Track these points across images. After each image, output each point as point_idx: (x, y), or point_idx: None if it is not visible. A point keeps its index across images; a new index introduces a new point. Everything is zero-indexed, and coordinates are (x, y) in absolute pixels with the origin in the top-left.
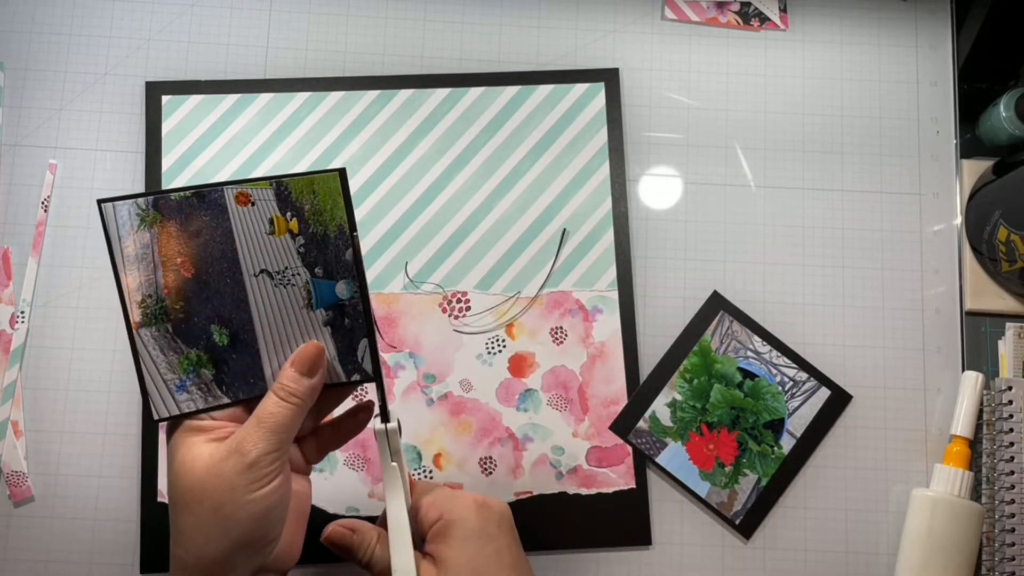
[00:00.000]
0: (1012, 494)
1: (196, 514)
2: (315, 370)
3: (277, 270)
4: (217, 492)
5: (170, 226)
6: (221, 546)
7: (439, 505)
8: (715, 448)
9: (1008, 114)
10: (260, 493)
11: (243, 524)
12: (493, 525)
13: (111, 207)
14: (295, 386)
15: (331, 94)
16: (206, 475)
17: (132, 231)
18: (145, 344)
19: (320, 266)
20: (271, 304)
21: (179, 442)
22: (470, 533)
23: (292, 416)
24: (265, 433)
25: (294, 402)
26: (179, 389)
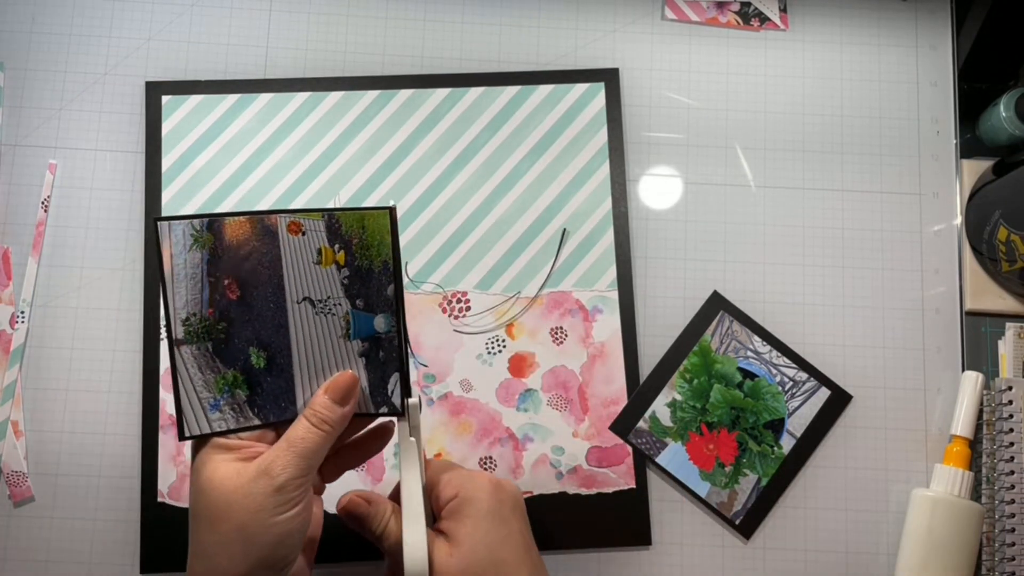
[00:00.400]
0: (1012, 494)
1: (220, 532)
2: (348, 399)
3: (320, 299)
4: (243, 512)
5: (221, 248)
6: (242, 566)
7: (455, 483)
8: (715, 448)
9: (1008, 114)
10: (285, 516)
11: (265, 546)
12: (507, 508)
13: (166, 226)
14: (328, 413)
15: (331, 94)
16: (233, 494)
17: (184, 250)
18: (185, 361)
19: (362, 298)
20: (310, 331)
21: (206, 459)
22: (485, 513)
23: (322, 442)
24: (295, 457)
25: (325, 429)
26: (212, 408)
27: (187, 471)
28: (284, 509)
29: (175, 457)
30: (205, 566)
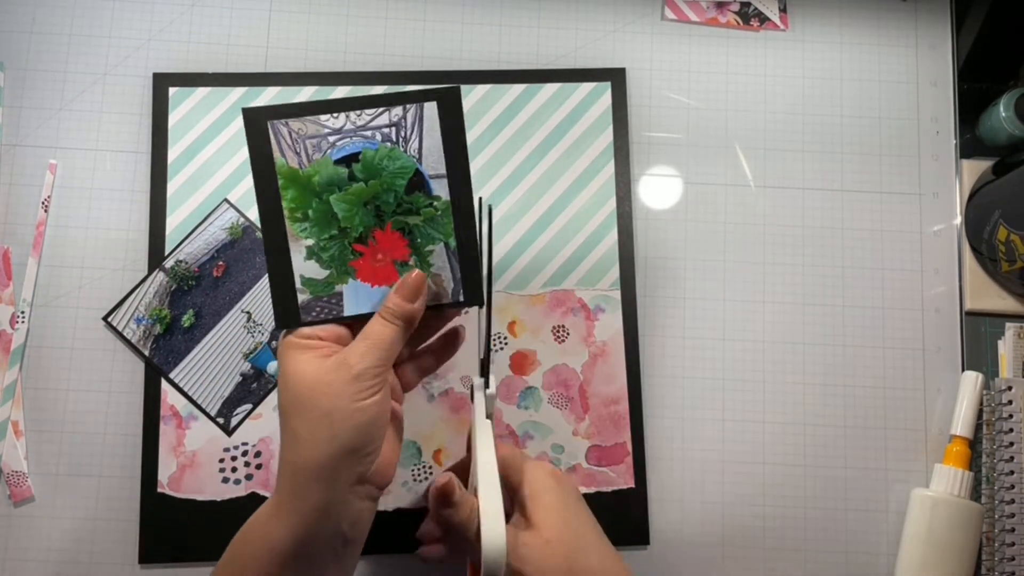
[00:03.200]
0: (1012, 494)
1: (307, 419)
2: (416, 296)
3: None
4: (326, 399)
5: None
6: (329, 450)
7: (524, 470)
8: (384, 256)
9: (1008, 114)
10: (364, 403)
11: (348, 431)
12: (573, 493)
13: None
14: (399, 309)
15: (337, 88)
16: (316, 383)
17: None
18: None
19: None
20: None
21: (290, 356)
22: (557, 498)
23: (395, 335)
24: (369, 348)
25: (397, 323)
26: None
27: (187, 462)
28: (362, 396)
29: (175, 448)
30: (296, 453)
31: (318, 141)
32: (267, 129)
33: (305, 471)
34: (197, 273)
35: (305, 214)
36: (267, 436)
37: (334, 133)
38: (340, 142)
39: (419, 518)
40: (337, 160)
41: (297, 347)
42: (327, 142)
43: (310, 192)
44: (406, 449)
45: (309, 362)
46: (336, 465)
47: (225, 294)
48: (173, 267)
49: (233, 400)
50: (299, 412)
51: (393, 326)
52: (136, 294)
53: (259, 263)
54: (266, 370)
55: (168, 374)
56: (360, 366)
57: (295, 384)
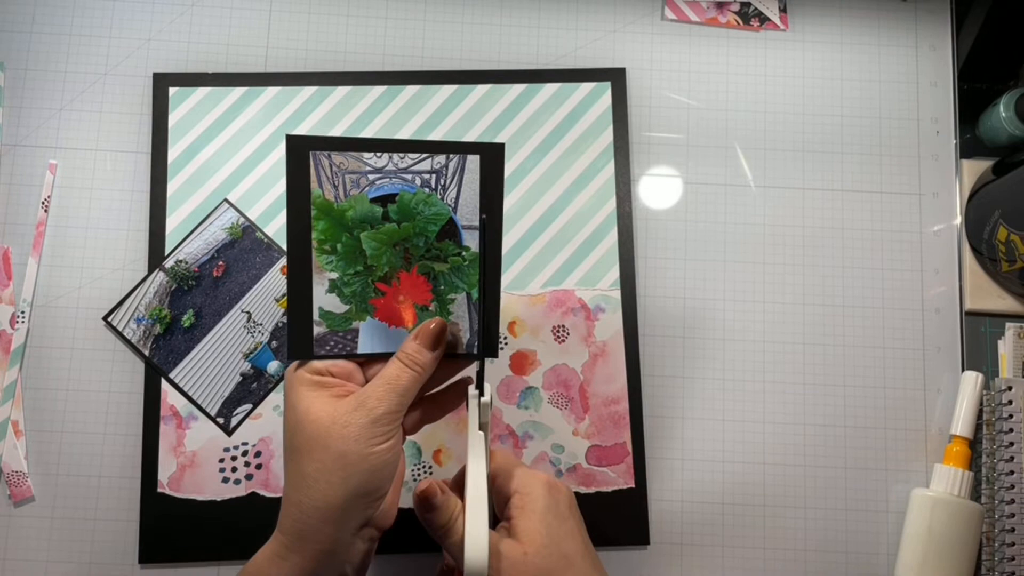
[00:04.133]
0: (1012, 494)
1: (319, 460)
2: (437, 344)
3: None
4: (341, 441)
5: None
6: (341, 493)
7: (518, 480)
8: (405, 298)
9: (1008, 114)
10: (381, 447)
11: (362, 474)
12: (564, 505)
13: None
14: (419, 356)
15: (337, 89)
16: (332, 425)
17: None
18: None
19: None
20: None
21: (301, 396)
22: (544, 509)
23: (414, 382)
24: (389, 392)
25: (417, 370)
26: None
27: (187, 462)
28: (379, 440)
29: (175, 448)
30: (304, 494)
31: (357, 177)
32: (308, 158)
33: (315, 512)
34: (197, 273)
35: (334, 247)
36: (267, 436)
37: (375, 172)
38: (379, 181)
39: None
40: (373, 198)
41: (309, 384)
42: (366, 179)
43: (342, 226)
44: (408, 448)
45: (323, 401)
46: (346, 507)
47: (225, 294)
48: (173, 267)
49: (233, 400)
50: (311, 452)
51: (412, 372)
52: (136, 294)
53: (259, 263)
54: (266, 370)
55: (168, 374)
56: (379, 410)
57: (308, 424)
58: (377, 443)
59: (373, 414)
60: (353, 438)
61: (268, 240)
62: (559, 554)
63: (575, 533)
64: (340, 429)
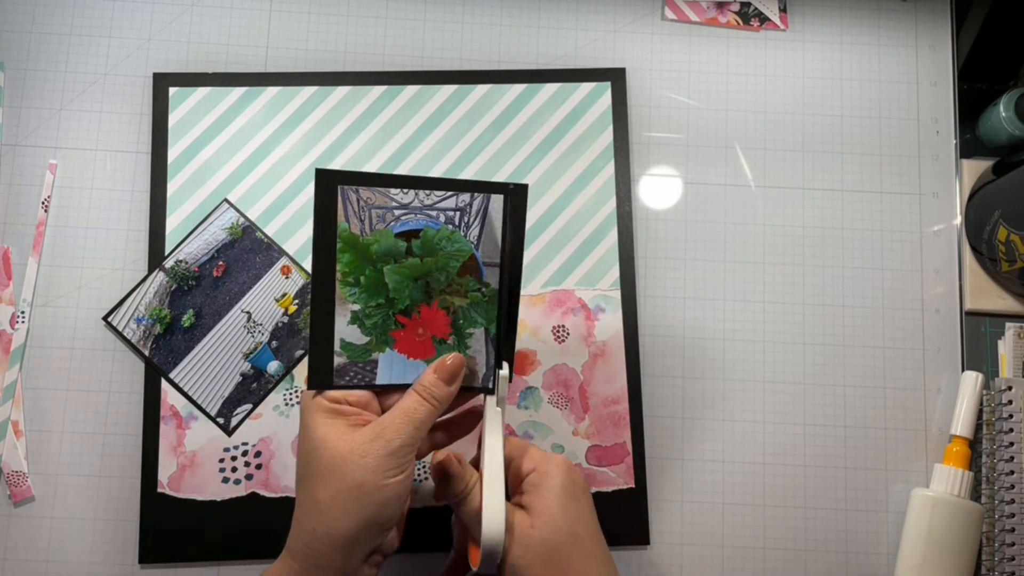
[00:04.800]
0: (1012, 494)
1: (335, 488)
2: (454, 379)
3: None
4: (358, 470)
5: None
6: (355, 522)
7: (534, 459)
8: (425, 331)
9: (1008, 114)
10: (396, 479)
11: (376, 504)
12: (579, 487)
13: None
14: (436, 390)
15: (337, 89)
16: (350, 454)
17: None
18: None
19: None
20: None
21: (318, 423)
22: (561, 489)
23: (429, 415)
24: (407, 424)
25: (434, 403)
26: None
27: (187, 462)
28: (395, 472)
29: (175, 448)
30: (317, 521)
31: (384, 212)
32: (337, 192)
33: (327, 540)
34: (197, 273)
35: (357, 279)
36: (267, 436)
37: (401, 208)
38: (404, 216)
39: (419, 518)
40: (398, 233)
41: (326, 412)
42: (392, 215)
43: (366, 260)
44: None
45: (340, 430)
46: (358, 537)
47: (225, 294)
48: (173, 267)
49: (233, 400)
50: (326, 481)
51: (428, 405)
52: (136, 294)
53: (259, 263)
54: (266, 370)
55: (168, 374)
56: (396, 442)
57: (325, 452)
58: (392, 475)
59: (391, 446)
60: (371, 469)
61: (268, 240)
62: (568, 531)
63: (587, 515)
64: (357, 459)
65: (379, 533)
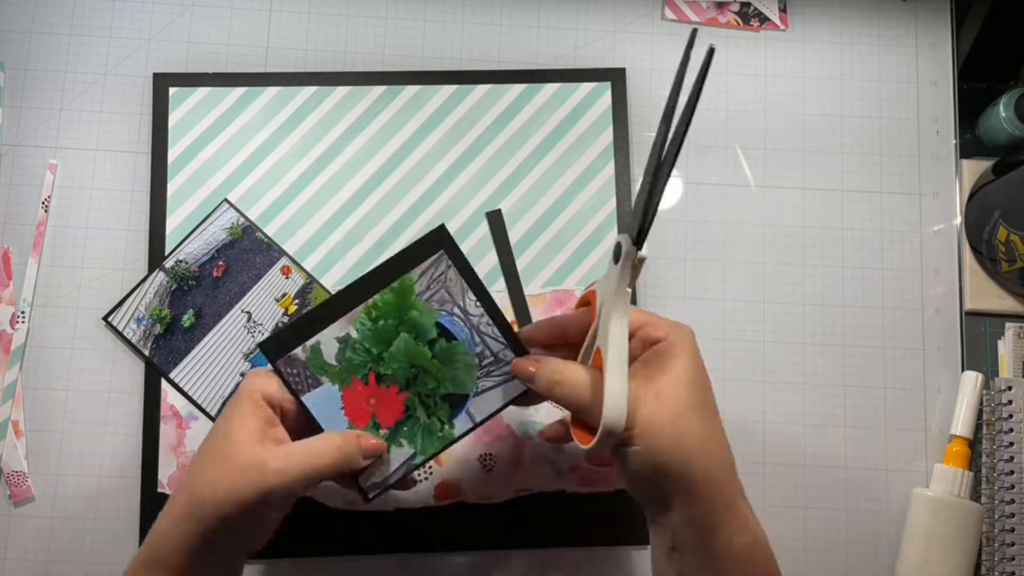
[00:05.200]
0: (1012, 494)
1: (209, 473)
2: (368, 456)
3: None
4: (228, 478)
5: None
6: (227, 507)
7: (663, 327)
8: (376, 404)
9: (1008, 114)
10: (268, 516)
11: (213, 520)
12: (704, 373)
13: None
14: (353, 452)
15: (337, 89)
16: (247, 459)
17: None
18: None
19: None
20: None
21: (244, 408)
22: (690, 371)
23: (333, 469)
24: (298, 467)
25: (340, 458)
26: None
27: (187, 462)
28: (269, 507)
29: (175, 448)
30: (199, 486)
31: (445, 301)
32: (440, 255)
33: (208, 504)
34: (197, 273)
35: (377, 319)
36: None
37: (460, 309)
38: (455, 315)
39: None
40: (438, 323)
41: (256, 404)
42: (447, 308)
43: (398, 314)
44: None
45: (252, 429)
46: (217, 528)
47: (225, 294)
48: (173, 267)
49: None
50: (208, 463)
51: (337, 457)
52: (136, 294)
53: (259, 263)
54: None
55: (168, 374)
56: (275, 481)
57: (231, 439)
58: (265, 508)
59: (268, 483)
60: (232, 488)
61: (268, 240)
62: (701, 401)
63: (709, 405)
64: (244, 468)
65: (250, 544)
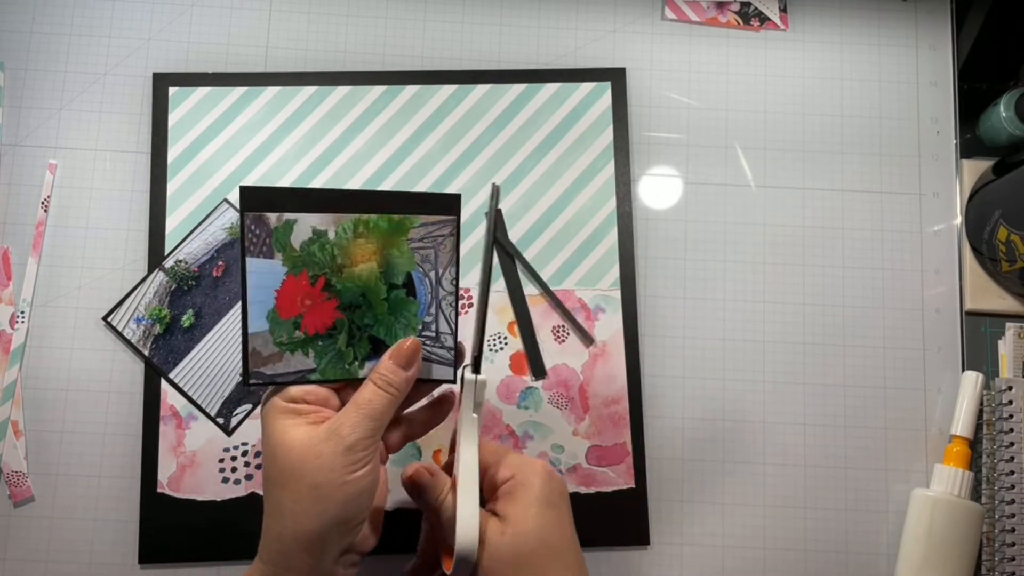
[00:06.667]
0: (1012, 494)
1: (293, 491)
2: (411, 364)
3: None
4: (316, 472)
5: None
6: (318, 523)
7: (512, 465)
8: (310, 307)
9: (1008, 114)
10: (356, 475)
11: (338, 504)
12: (557, 495)
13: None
14: (392, 376)
15: (337, 89)
16: (305, 455)
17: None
18: None
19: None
20: None
21: (276, 423)
22: (538, 497)
23: (388, 404)
24: (363, 418)
25: (391, 392)
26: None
27: (187, 462)
28: (354, 468)
29: (175, 448)
30: (283, 525)
31: (427, 261)
32: (448, 222)
33: (293, 543)
34: (197, 273)
35: (360, 235)
36: None
37: (434, 279)
38: (427, 280)
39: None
40: (409, 274)
41: (284, 412)
42: (425, 268)
43: (380, 244)
44: (408, 448)
45: (297, 430)
46: (324, 537)
47: (225, 294)
48: (173, 267)
49: (233, 400)
50: (286, 483)
51: (386, 394)
52: (136, 294)
53: None
54: None
55: (168, 374)
56: (352, 437)
57: (282, 454)
58: (351, 471)
59: (346, 442)
60: (327, 468)
61: None
62: (541, 541)
63: (563, 523)
64: (313, 459)
65: (347, 532)
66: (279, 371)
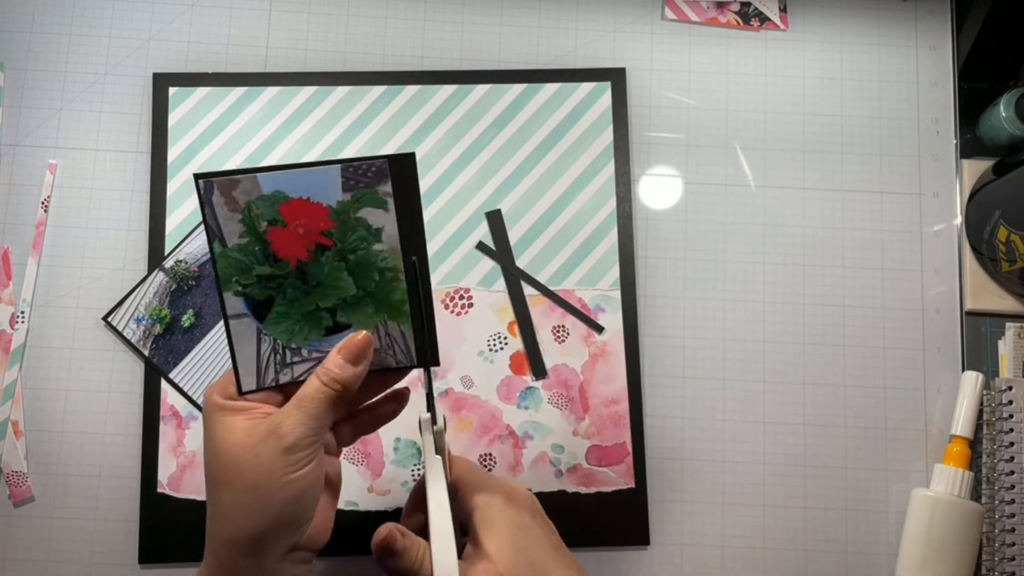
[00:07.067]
0: (1012, 494)
1: (233, 492)
2: (361, 359)
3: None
4: (254, 472)
5: None
6: (258, 524)
7: (477, 494)
8: (302, 228)
9: (1008, 114)
10: (296, 475)
11: (279, 504)
12: (526, 515)
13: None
14: (339, 372)
15: (337, 89)
16: (243, 454)
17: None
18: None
19: None
20: None
21: (217, 422)
22: (507, 524)
23: (332, 402)
24: (304, 417)
25: (336, 388)
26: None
27: (187, 462)
28: (294, 468)
29: (175, 448)
30: (222, 526)
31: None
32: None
33: (233, 545)
34: (197, 273)
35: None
36: None
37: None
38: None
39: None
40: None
41: (223, 409)
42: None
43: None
44: (406, 449)
45: (237, 428)
46: (265, 539)
47: None
48: (173, 267)
49: None
50: (224, 484)
51: (330, 391)
52: (136, 294)
53: None
54: None
55: (168, 374)
56: (292, 436)
57: (221, 453)
58: (291, 472)
59: (285, 442)
60: (266, 469)
61: None
62: (528, 564)
63: (542, 540)
64: (252, 460)
65: (292, 532)
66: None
